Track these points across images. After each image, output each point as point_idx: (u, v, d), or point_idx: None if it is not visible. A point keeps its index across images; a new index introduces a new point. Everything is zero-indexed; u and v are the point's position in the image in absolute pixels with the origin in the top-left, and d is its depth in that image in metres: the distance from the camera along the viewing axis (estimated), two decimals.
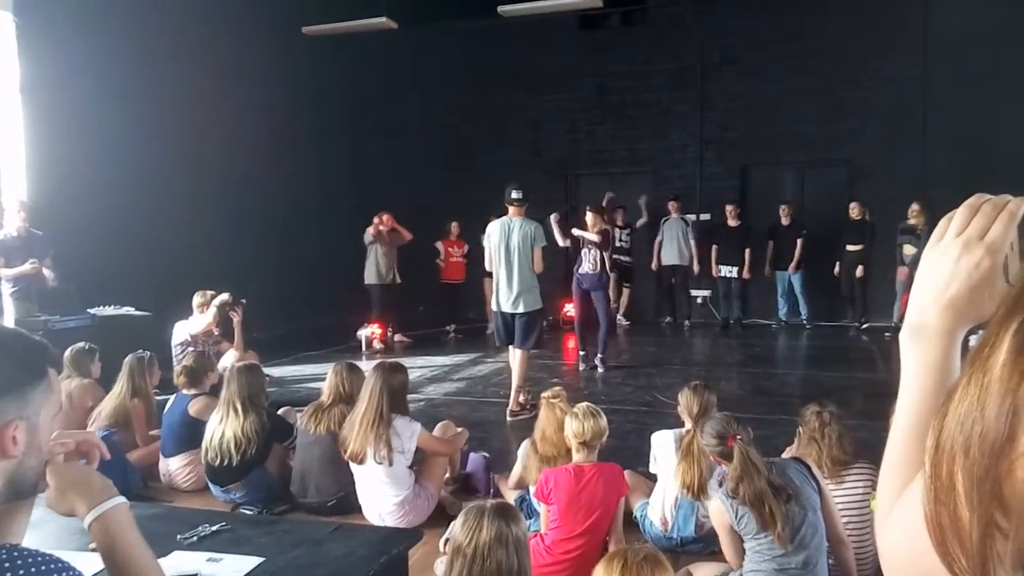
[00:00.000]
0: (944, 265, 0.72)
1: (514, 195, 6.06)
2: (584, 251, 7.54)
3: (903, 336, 0.76)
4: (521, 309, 6.05)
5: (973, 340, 0.67)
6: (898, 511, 0.67)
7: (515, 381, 6.17)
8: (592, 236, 7.47)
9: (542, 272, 6.16)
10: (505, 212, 6.16)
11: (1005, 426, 0.49)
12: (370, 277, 9.41)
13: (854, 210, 9.74)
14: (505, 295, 6.06)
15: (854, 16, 10.23)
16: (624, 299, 11.04)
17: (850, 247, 9.73)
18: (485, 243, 6.24)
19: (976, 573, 0.51)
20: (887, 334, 9.00)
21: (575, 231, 7.68)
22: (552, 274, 7.56)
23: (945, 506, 0.53)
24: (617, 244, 10.38)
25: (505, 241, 6.02)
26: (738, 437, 2.84)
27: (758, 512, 2.74)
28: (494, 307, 6.23)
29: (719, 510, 2.91)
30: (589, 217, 7.66)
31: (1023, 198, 0.71)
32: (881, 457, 0.76)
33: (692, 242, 10.57)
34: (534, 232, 6.03)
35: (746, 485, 2.76)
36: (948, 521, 0.53)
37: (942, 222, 0.74)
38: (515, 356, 6.21)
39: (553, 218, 7.63)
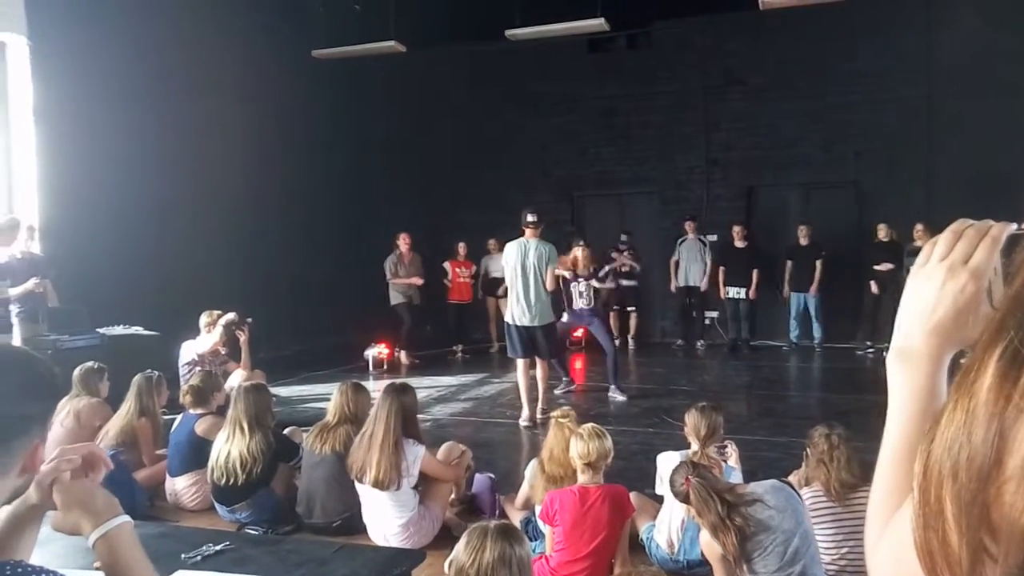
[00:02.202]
0: (929, 290, 0.72)
1: (529, 218, 6.49)
2: (573, 285, 7.44)
3: (890, 360, 0.76)
4: (538, 322, 6.45)
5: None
6: (888, 537, 0.67)
7: (541, 386, 6.62)
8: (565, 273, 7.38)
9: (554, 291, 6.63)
10: (522, 233, 6.55)
11: (992, 451, 0.49)
12: (396, 298, 9.61)
13: (882, 231, 9.65)
14: (522, 310, 6.45)
15: (857, 38, 10.28)
16: (632, 323, 10.96)
17: (880, 268, 9.52)
18: (503, 262, 6.64)
19: None
20: None
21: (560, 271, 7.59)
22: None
23: (934, 531, 0.53)
24: (622, 269, 10.40)
25: (521, 260, 6.41)
26: (691, 479, 2.94)
27: (721, 540, 2.87)
28: (509, 320, 6.55)
29: (709, 541, 2.97)
30: (581, 253, 7.56)
31: (1006, 223, 0.71)
32: None
33: (708, 262, 10.54)
34: (548, 253, 6.45)
35: (704, 519, 2.91)
36: (938, 546, 0.53)
37: (926, 247, 0.75)
38: (527, 369, 6.57)
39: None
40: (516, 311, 6.47)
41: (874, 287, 9.68)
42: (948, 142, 9.83)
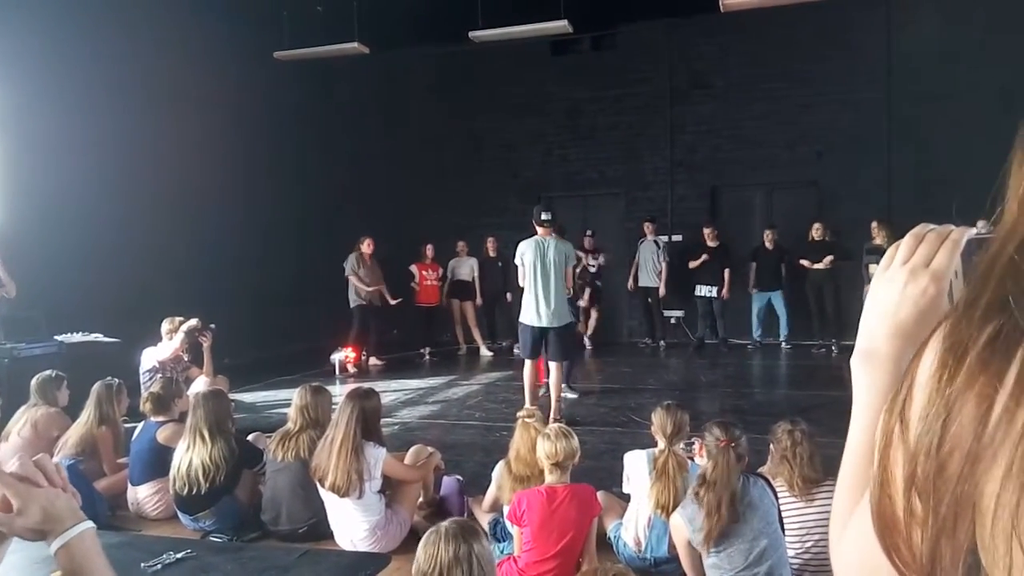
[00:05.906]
0: (891, 292, 0.74)
1: (543, 216, 6.35)
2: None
3: (854, 362, 0.77)
4: (556, 323, 6.32)
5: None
6: (851, 528, 0.67)
7: (553, 393, 6.42)
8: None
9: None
10: (533, 232, 6.43)
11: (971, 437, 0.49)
12: (355, 300, 9.53)
13: (817, 231, 9.90)
14: (543, 311, 6.29)
15: (819, 41, 10.46)
16: (592, 322, 11.01)
17: (816, 267, 9.89)
18: (517, 261, 6.43)
19: (922, 571, 0.52)
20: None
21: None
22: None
23: (888, 498, 0.55)
24: (591, 269, 10.49)
25: (541, 259, 6.27)
26: (732, 445, 2.95)
27: (710, 525, 2.87)
28: (526, 322, 6.37)
29: (678, 525, 2.97)
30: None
31: (965, 227, 0.73)
32: None
33: (663, 264, 10.62)
34: (568, 252, 6.43)
35: (708, 491, 2.93)
36: (888, 514, 0.55)
37: (889, 251, 0.76)
38: (533, 369, 6.45)
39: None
40: (533, 312, 6.26)
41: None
42: (907, 143, 10.06)
